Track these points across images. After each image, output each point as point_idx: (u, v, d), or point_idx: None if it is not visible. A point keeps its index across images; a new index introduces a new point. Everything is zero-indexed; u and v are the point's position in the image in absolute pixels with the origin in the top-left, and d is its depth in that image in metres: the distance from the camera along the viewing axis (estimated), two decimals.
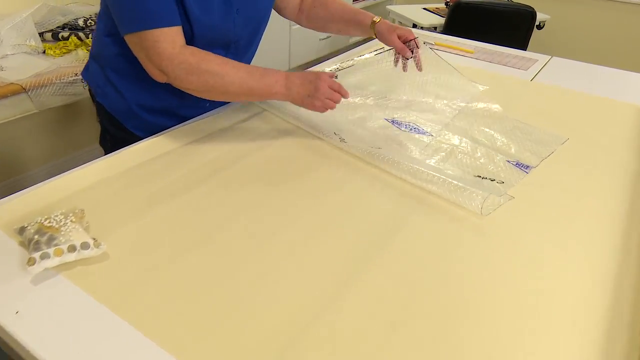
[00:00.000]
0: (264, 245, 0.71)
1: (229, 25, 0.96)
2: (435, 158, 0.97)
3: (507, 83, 1.35)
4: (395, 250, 0.72)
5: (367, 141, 0.98)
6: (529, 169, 0.95)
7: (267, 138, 1.00)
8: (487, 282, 0.67)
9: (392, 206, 0.82)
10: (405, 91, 1.26)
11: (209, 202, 0.79)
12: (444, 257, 0.71)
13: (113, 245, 0.68)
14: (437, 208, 0.82)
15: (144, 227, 0.73)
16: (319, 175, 0.89)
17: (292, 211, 0.79)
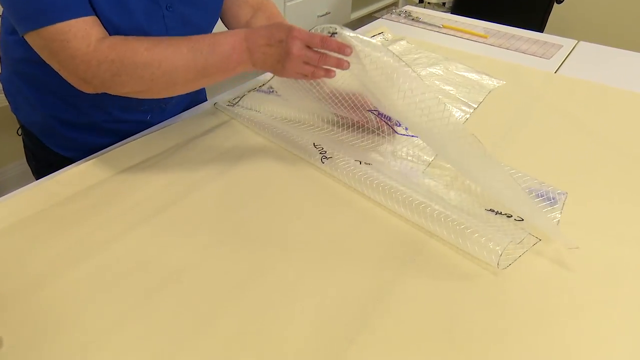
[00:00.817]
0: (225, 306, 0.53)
1: (158, 27, 0.75)
2: (437, 182, 0.77)
3: (528, 76, 1.14)
4: (379, 329, 0.53)
5: (353, 153, 0.79)
6: (557, 200, 0.75)
7: (231, 158, 0.81)
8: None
9: (381, 256, 0.63)
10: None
11: (154, 252, 0.61)
12: (446, 332, 0.53)
13: (10, 332, 0.51)
14: (441, 258, 0.63)
15: (59, 300, 0.55)
16: (294, 210, 0.70)
17: (254, 263, 0.60)
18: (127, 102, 0.83)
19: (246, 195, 0.73)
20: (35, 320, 0.53)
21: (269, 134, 0.87)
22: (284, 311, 0.55)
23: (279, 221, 0.68)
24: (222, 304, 0.55)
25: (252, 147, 0.85)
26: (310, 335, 0.52)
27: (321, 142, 0.84)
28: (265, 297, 0.56)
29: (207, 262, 0.61)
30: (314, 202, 0.72)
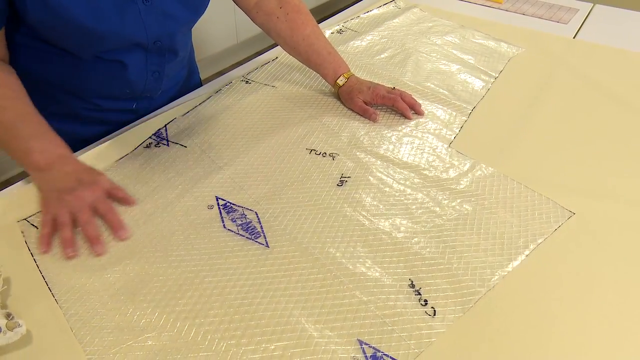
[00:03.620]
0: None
1: (135, 27, 0.72)
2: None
3: (546, 43, 1.11)
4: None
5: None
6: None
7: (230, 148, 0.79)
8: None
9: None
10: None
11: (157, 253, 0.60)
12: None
13: (39, 322, 0.50)
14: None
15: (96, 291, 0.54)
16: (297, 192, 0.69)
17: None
18: (107, 90, 0.81)
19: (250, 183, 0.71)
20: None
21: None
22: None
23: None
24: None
25: (253, 134, 0.83)
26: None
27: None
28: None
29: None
30: (328, 191, 0.71)
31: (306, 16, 0.90)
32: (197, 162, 0.75)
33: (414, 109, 0.87)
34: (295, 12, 0.90)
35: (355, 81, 0.88)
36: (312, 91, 0.94)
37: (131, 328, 0.51)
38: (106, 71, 0.77)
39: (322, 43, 0.90)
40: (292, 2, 0.90)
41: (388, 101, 0.86)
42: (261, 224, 0.65)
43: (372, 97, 0.86)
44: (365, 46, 1.11)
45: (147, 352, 0.49)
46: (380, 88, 0.87)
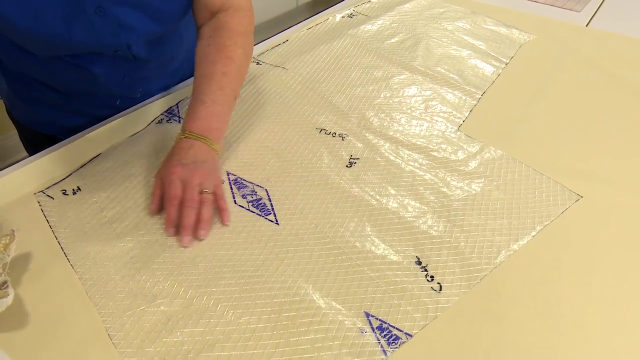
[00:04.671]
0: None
1: (85, 35, 0.66)
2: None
3: (559, 30, 1.11)
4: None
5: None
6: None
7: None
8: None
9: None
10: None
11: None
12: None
13: (56, 286, 0.51)
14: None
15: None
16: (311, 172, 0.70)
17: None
18: (81, 88, 0.78)
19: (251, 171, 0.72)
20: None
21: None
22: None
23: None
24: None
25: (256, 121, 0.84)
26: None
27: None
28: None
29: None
30: (337, 171, 0.72)
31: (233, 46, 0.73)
32: None
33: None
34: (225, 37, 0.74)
35: (185, 147, 0.65)
36: (323, 73, 0.94)
37: (144, 294, 0.53)
38: (74, 72, 0.74)
39: (211, 84, 0.70)
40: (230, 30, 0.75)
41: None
42: (271, 202, 0.66)
43: (166, 173, 0.64)
44: (376, 30, 1.11)
45: (159, 317, 0.51)
46: (179, 182, 0.62)
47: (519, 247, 0.59)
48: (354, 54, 1.01)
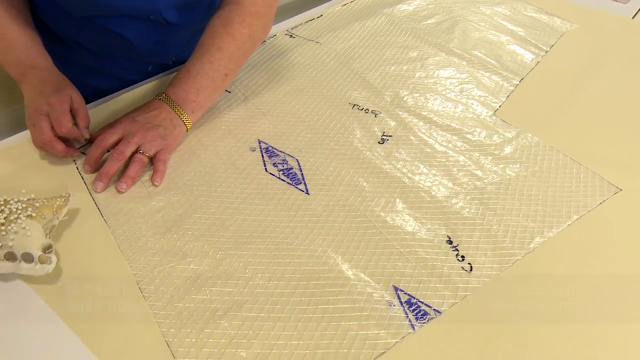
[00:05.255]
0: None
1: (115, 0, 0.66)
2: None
3: (602, 21, 1.08)
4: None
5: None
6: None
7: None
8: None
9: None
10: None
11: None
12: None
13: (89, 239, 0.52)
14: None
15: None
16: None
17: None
18: (114, 51, 0.78)
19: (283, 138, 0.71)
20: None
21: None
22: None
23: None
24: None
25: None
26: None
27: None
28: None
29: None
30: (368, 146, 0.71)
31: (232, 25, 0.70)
32: (240, 107, 0.76)
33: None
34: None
35: (151, 107, 0.65)
36: (357, 49, 0.93)
37: (174, 252, 0.53)
38: (108, 35, 0.75)
39: (203, 56, 0.68)
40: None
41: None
42: (302, 172, 0.65)
43: (117, 122, 0.64)
44: (412, 10, 1.09)
45: (189, 275, 0.51)
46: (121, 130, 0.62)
47: (554, 235, 0.58)
48: (389, 33, 1.00)
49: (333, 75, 0.85)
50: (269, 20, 0.74)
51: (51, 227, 0.51)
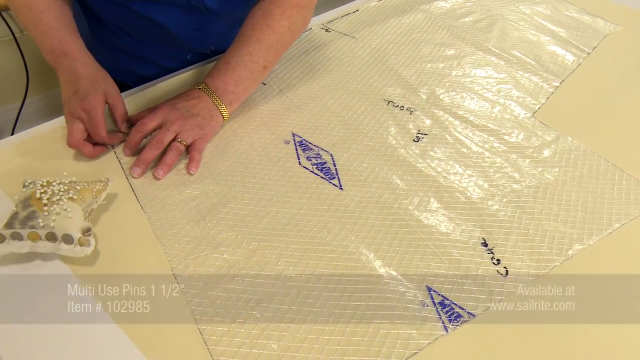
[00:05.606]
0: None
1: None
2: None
3: None
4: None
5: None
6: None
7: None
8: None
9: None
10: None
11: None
12: None
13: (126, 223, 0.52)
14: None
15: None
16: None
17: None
18: (154, 37, 0.78)
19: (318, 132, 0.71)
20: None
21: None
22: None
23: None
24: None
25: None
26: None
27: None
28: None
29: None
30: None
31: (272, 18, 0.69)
32: (275, 99, 0.76)
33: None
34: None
35: (191, 95, 0.66)
36: (392, 45, 0.92)
37: (208, 241, 0.53)
38: (148, 22, 0.75)
39: (243, 47, 0.68)
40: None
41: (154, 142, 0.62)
42: (336, 167, 0.65)
43: (157, 107, 0.65)
44: (449, 8, 1.07)
45: (222, 264, 0.51)
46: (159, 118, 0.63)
47: (594, 243, 0.56)
48: (426, 30, 0.98)
49: (368, 71, 0.84)
50: (309, 13, 0.74)
51: (90, 210, 0.52)
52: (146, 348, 0.44)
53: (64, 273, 0.49)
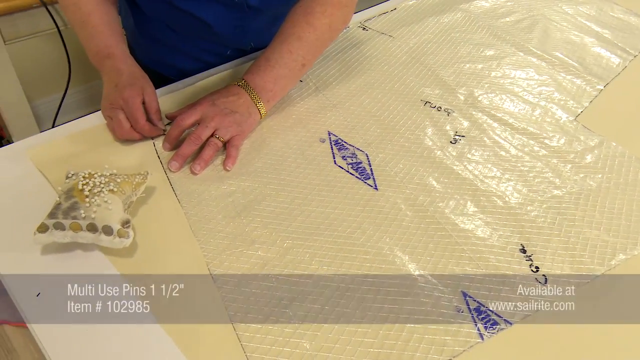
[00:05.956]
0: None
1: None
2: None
3: None
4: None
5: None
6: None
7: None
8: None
9: None
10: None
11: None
12: None
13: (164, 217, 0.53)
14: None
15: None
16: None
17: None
18: (195, 32, 0.79)
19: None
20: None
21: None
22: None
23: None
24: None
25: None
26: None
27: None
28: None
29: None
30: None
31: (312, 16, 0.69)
32: (311, 97, 0.75)
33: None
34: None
35: (230, 92, 0.66)
36: (431, 45, 0.90)
37: (243, 237, 0.54)
38: (188, 17, 0.76)
39: (283, 45, 0.68)
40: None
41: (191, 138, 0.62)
42: (371, 167, 0.65)
43: (196, 102, 0.65)
44: (489, 7, 1.05)
45: (256, 260, 0.51)
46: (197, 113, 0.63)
47: (639, 253, 0.54)
48: (465, 29, 0.97)
49: (405, 71, 0.83)
50: (350, 12, 0.73)
51: (129, 202, 0.53)
52: (180, 341, 0.45)
53: (103, 263, 0.50)
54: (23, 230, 0.50)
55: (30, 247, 0.50)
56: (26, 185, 0.58)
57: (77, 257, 0.50)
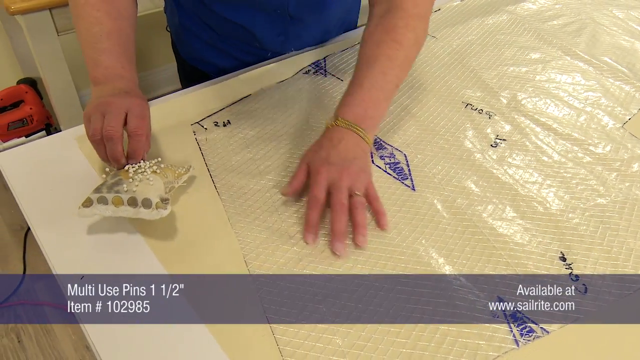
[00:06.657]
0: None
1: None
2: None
3: None
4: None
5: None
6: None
7: None
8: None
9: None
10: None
11: None
12: None
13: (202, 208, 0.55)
14: None
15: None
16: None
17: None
18: (237, 35, 0.80)
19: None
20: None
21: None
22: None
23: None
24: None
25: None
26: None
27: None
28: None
29: None
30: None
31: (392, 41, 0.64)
32: None
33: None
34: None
35: (335, 138, 0.59)
36: (474, 47, 0.89)
37: (280, 232, 0.55)
38: (234, 24, 0.78)
39: (374, 67, 0.63)
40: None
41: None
42: (409, 167, 0.64)
43: (312, 170, 0.58)
44: (537, 9, 1.03)
45: (292, 255, 0.52)
46: (326, 175, 0.56)
47: None
48: (510, 32, 0.95)
49: (447, 72, 0.82)
50: (427, 22, 0.68)
51: (171, 187, 0.55)
52: (219, 337, 0.46)
53: (144, 251, 0.52)
54: (70, 216, 0.52)
55: (76, 232, 0.52)
56: (74, 172, 0.61)
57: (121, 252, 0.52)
